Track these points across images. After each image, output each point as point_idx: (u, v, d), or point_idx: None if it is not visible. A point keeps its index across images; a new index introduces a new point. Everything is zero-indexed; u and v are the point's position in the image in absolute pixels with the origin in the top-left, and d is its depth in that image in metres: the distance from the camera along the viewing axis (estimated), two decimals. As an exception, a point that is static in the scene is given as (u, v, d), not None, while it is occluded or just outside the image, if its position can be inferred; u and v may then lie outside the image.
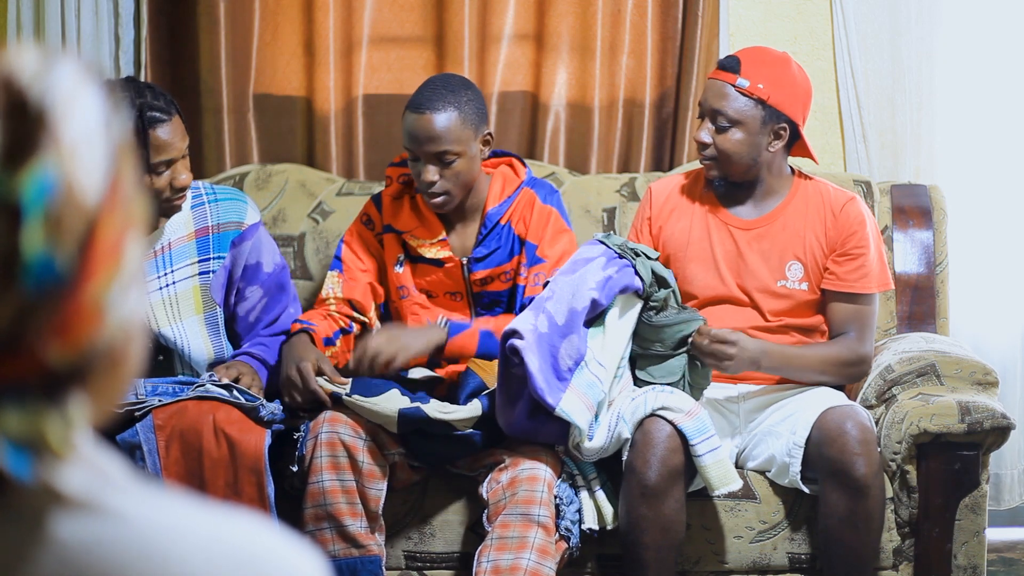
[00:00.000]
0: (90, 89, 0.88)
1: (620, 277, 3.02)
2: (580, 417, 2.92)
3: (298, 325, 3.15)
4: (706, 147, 3.13)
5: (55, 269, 0.83)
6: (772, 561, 3.09)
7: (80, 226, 0.85)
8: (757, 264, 3.17)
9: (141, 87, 3.05)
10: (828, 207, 3.19)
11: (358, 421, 2.97)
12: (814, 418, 2.97)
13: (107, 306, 0.87)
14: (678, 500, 2.92)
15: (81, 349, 0.86)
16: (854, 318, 3.16)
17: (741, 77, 3.10)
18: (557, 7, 3.83)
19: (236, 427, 2.89)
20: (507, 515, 2.91)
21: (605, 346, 3.00)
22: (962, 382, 3.13)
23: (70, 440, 0.86)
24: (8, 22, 3.83)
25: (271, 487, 2.89)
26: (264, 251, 3.21)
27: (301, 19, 3.86)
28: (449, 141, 3.04)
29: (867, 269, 3.16)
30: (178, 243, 3.14)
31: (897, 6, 3.82)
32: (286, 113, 3.90)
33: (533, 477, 2.93)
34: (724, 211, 3.23)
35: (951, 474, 3.03)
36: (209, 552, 0.87)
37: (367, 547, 2.95)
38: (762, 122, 3.11)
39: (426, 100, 3.07)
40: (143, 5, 3.82)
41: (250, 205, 3.23)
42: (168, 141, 2.99)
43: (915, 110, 3.85)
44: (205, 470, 2.88)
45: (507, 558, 2.88)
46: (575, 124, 3.87)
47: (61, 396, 0.85)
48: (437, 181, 3.06)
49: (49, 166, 0.84)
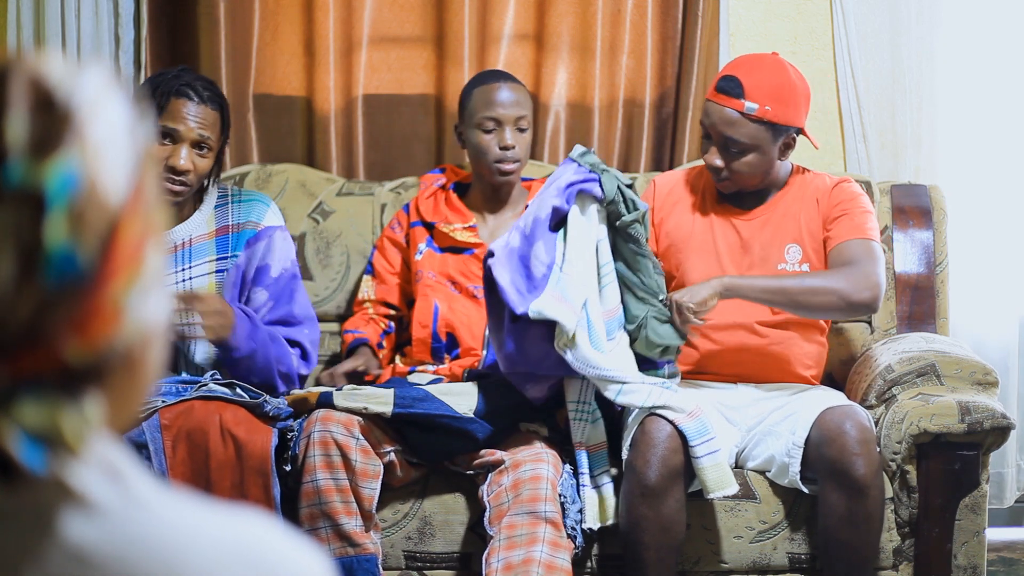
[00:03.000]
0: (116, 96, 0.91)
1: (581, 184, 3.00)
2: (557, 312, 2.90)
3: (351, 336, 3.41)
4: (720, 171, 3.14)
5: (77, 264, 0.85)
6: (772, 561, 3.09)
7: (102, 224, 0.86)
8: (760, 252, 3.19)
9: (197, 74, 3.17)
10: (821, 189, 3.22)
11: (350, 420, 2.98)
12: (814, 418, 2.97)
13: (126, 308, 0.88)
14: (678, 500, 2.92)
15: (99, 348, 0.87)
16: (857, 251, 3.11)
17: (748, 101, 3.08)
18: (557, 7, 3.83)
19: (243, 428, 2.89)
20: (513, 515, 2.91)
21: (571, 243, 2.98)
22: (962, 382, 3.13)
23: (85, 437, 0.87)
24: (8, 22, 3.83)
25: (277, 488, 2.89)
26: (276, 255, 3.21)
27: (301, 19, 3.86)
28: (525, 108, 3.36)
29: (863, 221, 3.15)
30: (199, 240, 3.16)
31: (897, 6, 3.82)
32: (286, 113, 3.90)
33: (536, 477, 2.94)
34: (726, 203, 3.25)
35: (951, 474, 3.03)
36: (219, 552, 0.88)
37: (363, 545, 2.96)
38: (772, 140, 3.12)
39: (499, 75, 3.41)
40: (143, 5, 3.82)
41: (271, 208, 3.26)
42: (181, 114, 3.04)
43: (915, 110, 3.85)
44: (211, 471, 2.87)
45: (518, 554, 2.87)
46: (575, 124, 3.87)
47: (78, 393, 0.87)
48: (516, 146, 3.31)
49: (73, 161, 0.86)
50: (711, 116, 3.13)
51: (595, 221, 3.01)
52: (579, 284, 2.94)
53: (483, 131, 3.30)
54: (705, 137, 3.17)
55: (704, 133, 3.17)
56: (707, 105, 3.16)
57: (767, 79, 3.11)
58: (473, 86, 3.38)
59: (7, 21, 3.83)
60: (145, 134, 0.91)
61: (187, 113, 3.04)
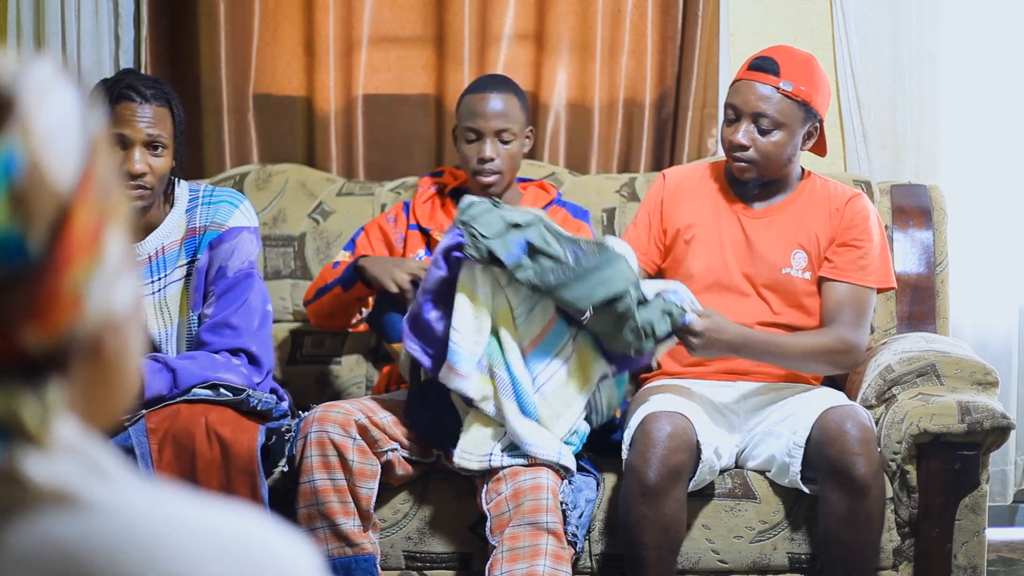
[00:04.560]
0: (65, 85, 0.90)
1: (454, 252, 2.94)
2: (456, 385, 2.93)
3: (342, 265, 3.28)
4: (745, 149, 3.13)
5: (25, 250, 0.85)
6: (772, 561, 3.09)
7: (51, 210, 0.86)
8: (764, 251, 3.19)
9: (139, 74, 3.06)
10: (834, 200, 3.21)
11: (347, 420, 2.98)
12: (814, 418, 2.97)
13: (87, 295, 0.88)
14: (678, 500, 2.92)
15: (59, 335, 0.87)
16: (848, 304, 3.14)
17: (783, 80, 3.10)
18: (557, 7, 3.83)
19: (229, 428, 2.88)
20: (515, 526, 2.91)
21: (457, 307, 2.94)
22: (962, 382, 3.13)
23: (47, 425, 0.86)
24: (8, 22, 3.83)
25: (265, 487, 2.88)
26: (236, 256, 3.05)
27: (301, 19, 3.86)
28: (511, 120, 3.29)
29: (867, 262, 3.16)
30: (170, 247, 3.05)
31: (897, 6, 3.82)
32: (286, 113, 3.90)
33: (536, 486, 2.93)
34: (735, 200, 3.24)
35: (951, 474, 3.03)
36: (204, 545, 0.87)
37: (361, 545, 2.96)
38: (802, 123, 3.13)
39: (489, 84, 3.35)
40: (143, 5, 3.82)
41: (241, 209, 3.09)
42: (125, 117, 2.92)
43: (915, 110, 3.85)
44: (198, 472, 2.85)
45: (521, 567, 2.87)
46: (575, 124, 3.87)
47: (39, 381, 0.86)
48: (495, 159, 3.26)
49: (15, 145, 0.86)
50: (742, 93, 3.13)
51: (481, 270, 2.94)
52: (469, 346, 2.92)
53: (466, 140, 3.29)
54: (730, 120, 3.14)
55: (728, 117, 3.15)
56: (737, 84, 3.16)
57: (802, 63, 3.14)
58: (466, 93, 3.36)
59: (7, 21, 3.83)
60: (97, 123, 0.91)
61: (132, 115, 2.93)
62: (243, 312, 3.03)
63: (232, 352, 3.01)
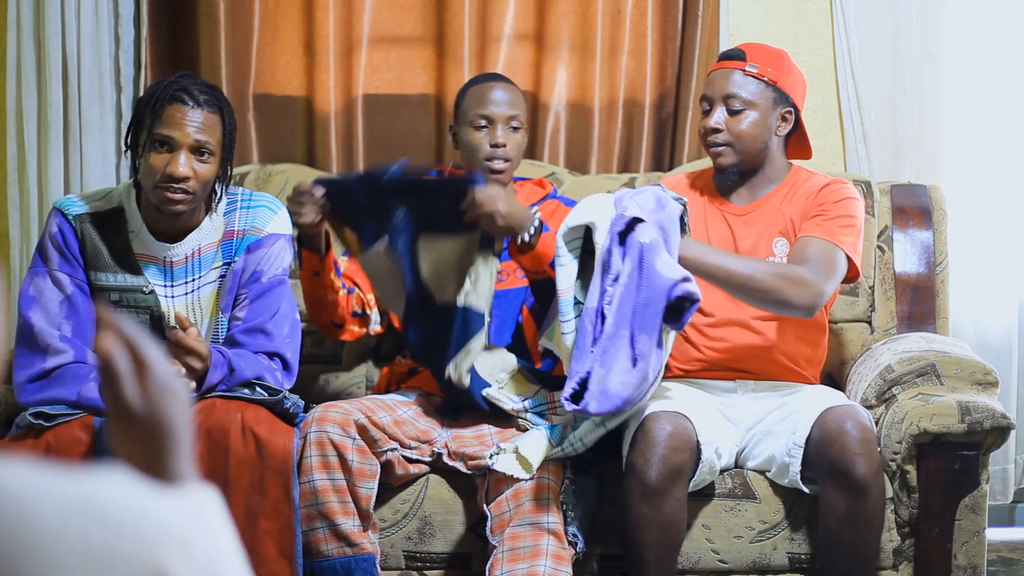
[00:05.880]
0: None
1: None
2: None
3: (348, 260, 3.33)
4: (718, 132, 3.16)
5: None
6: (772, 561, 3.09)
7: None
8: (749, 246, 3.19)
9: (196, 79, 3.04)
10: (813, 187, 3.21)
11: (347, 420, 2.98)
12: (814, 418, 2.97)
13: None
14: (679, 499, 2.92)
15: None
16: (815, 253, 3.06)
17: (749, 63, 3.16)
18: (557, 7, 3.83)
19: (265, 428, 2.88)
20: (516, 526, 2.92)
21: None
22: (962, 382, 3.13)
23: None
24: (8, 22, 3.83)
25: (297, 490, 2.89)
26: (272, 262, 3.08)
27: (301, 19, 3.86)
28: (520, 108, 3.34)
29: (842, 230, 3.10)
30: (207, 249, 3.05)
31: (897, 6, 3.83)
32: (286, 113, 3.90)
33: (538, 487, 2.94)
34: (721, 200, 3.26)
35: (951, 474, 3.03)
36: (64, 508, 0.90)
37: (360, 545, 2.96)
38: (772, 104, 3.17)
39: (495, 76, 3.42)
40: (143, 5, 3.82)
41: (279, 215, 3.12)
42: (175, 120, 2.92)
43: (915, 110, 3.85)
44: (230, 468, 2.86)
45: (522, 567, 2.88)
46: (575, 124, 3.88)
47: None
48: (507, 145, 3.28)
49: None
50: (711, 82, 3.21)
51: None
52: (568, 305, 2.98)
53: (475, 128, 3.29)
54: (705, 112, 3.19)
55: (704, 110, 3.20)
56: (709, 76, 3.24)
57: (770, 52, 3.22)
58: (468, 86, 3.38)
59: (7, 21, 3.83)
60: None
61: (182, 118, 2.92)
62: (277, 319, 3.07)
63: (268, 356, 3.05)
